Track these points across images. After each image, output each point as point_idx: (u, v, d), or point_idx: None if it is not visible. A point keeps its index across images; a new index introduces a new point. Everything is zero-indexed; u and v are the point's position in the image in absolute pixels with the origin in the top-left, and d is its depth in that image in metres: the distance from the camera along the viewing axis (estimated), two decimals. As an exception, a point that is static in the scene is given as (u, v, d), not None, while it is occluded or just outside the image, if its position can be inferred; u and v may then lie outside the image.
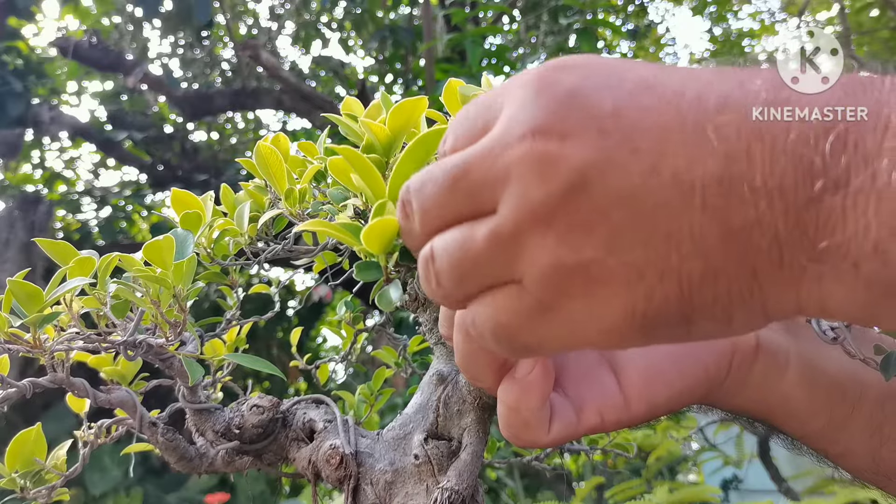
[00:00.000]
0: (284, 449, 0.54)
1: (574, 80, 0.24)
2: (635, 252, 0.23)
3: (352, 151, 0.35)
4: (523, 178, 0.23)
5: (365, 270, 0.35)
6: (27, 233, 3.63)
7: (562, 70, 0.25)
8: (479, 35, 3.06)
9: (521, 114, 0.24)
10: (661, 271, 0.22)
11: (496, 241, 0.24)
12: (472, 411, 0.49)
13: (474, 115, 0.27)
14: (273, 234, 0.53)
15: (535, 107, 0.24)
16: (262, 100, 4.35)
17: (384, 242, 0.33)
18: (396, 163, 0.34)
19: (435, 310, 0.54)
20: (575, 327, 0.24)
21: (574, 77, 0.24)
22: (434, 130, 0.34)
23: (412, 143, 0.34)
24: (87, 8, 4.59)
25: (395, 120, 0.39)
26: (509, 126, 0.24)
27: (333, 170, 0.36)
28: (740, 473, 3.07)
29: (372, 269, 0.35)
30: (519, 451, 0.86)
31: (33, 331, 0.41)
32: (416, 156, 0.34)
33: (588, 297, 0.23)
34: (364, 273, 0.35)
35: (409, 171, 0.34)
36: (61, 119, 4.27)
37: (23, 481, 0.49)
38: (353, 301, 0.70)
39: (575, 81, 0.24)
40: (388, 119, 0.39)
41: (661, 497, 1.65)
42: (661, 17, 6.40)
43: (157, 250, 0.40)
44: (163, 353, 0.47)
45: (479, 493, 0.48)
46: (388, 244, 0.33)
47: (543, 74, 0.25)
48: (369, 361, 3.17)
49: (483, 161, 0.25)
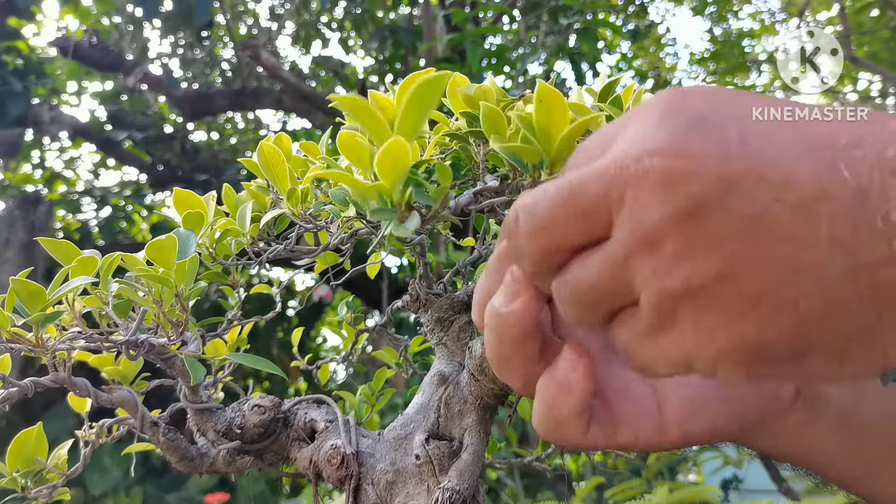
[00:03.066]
0: (285, 449, 0.54)
1: (700, 105, 0.24)
2: (751, 282, 0.22)
3: (355, 99, 0.34)
4: (639, 200, 0.23)
5: (379, 213, 0.34)
6: (27, 233, 3.63)
7: (687, 95, 0.24)
8: (479, 35, 3.06)
9: (642, 134, 0.24)
10: (778, 303, 0.22)
11: (611, 267, 0.24)
12: (474, 412, 0.49)
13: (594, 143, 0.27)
14: (275, 234, 0.53)
15: (657, 129, 0.23)
16: (262, 100, 4.35)
17: (398, 170, 0.33)
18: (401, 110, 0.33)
19: (436, 310, 0.54)
20: (683, 352, 0.24)
21: (700, 102, 0.24)
22: (437, 75, 0.33)
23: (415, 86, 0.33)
24: (87, 8, 4.59)
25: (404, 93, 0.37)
26: (630, 146, 0.24)
27: (342, 145, 0.35)
28: (740, 473, 3.07)
29: (387, 212, 0.34)
30: (520, 452, 0.86)
31: (35, 330, 0.41)
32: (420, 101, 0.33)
33: (697, 324, 0.23)
34: (378, 214, 0.34)
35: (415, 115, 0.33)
36: (61, 119, 4.27)
37: (24, 481, 0.49)
38: (354, 301, 0.70)
39: (700, 106, 0.24)
40: (397, 93, 0.37)
41: (661, 497, 1.65)
42: (661, 17, 6.39)
43: (160, 250, 0.41)
44: (164, 352, 0.47)
45: (479, 494, 0.48)
46: (401, 172, 0.33)
47: (668, 98, 0.24)
48: (370, 362, 3.17)
49: (599, 180, 0.24)
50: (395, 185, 0.33)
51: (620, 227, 0.23)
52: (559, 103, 0.36)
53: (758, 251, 0.22)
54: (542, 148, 0.37)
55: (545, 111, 0.36)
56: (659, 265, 0.23)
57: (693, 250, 0.22)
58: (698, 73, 6.27)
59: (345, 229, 0.48)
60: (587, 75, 3.15)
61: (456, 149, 0.50)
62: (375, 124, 0.34)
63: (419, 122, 0.34)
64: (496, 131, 0.40)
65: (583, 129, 0.37)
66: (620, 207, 0.23)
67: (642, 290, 0.24)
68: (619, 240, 0.23)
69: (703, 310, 0.23)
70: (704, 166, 0.22)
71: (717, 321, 0.23)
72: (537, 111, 0.36)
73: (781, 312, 0.22)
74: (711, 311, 0.23)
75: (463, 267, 0.58)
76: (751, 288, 0.22)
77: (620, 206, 0.23)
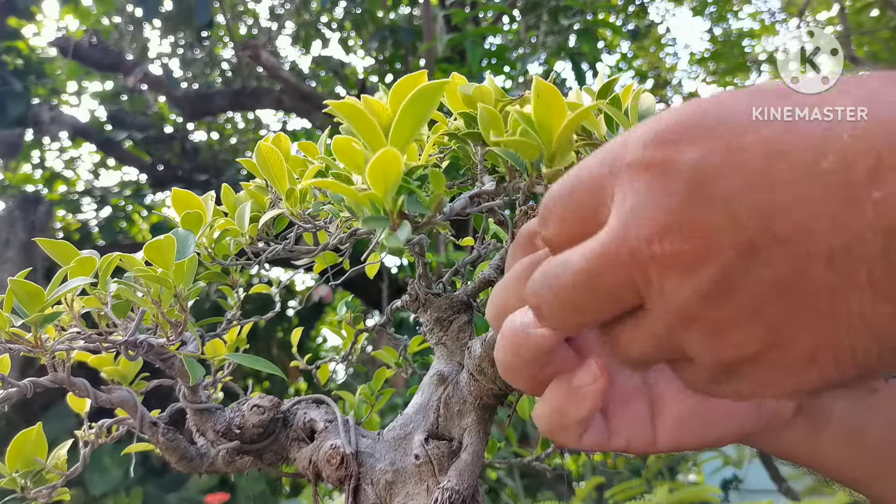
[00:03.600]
0: (285, 449, 0.54)
1: (691, 161, 0.22)
2: (801, 341, 0.21)
3: (350, 105, 0.34)
4: (665, 282, 0.22)
5: (371, 221, 0.34)
6: (27, 233, 3.63)
7: (674, 148, 0.22)
8: (479, 35, 3.06)
9: (641, 208, 0.22)
10: (835, 355, 0.21)
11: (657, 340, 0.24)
12: (473, 411, 0.49)
13: (579, 195, 0.25)
14: (274, 234, 0.53)
15: (655, 204, 0.22)
16: (262, 100, 4.35)
17: (390, 179, 0.32)
18: (395, 120, 0.33)
19: (436, 310, 0.54)
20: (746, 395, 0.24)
21: (690, 156, 0.22)
22: (432, 85, 0.33)
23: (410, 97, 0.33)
24: (87, 8, 4.59)
25: (397, 97, 0.37)
26: (631, 226, 0.22)
27: (336, 150, 0.35)
28: (740, 473, 3.07)
29: (378, 220, 0.34)
30: (519, 452, 0.86)
31: (34, 330, 0.41)
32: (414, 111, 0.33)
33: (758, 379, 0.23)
34: (370, 223, 0.34)
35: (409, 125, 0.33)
36: (61, 119, 4.27)
37: (23, 481, 0.49)
38: (354, 301, 0.70)
39: (693, 162, 0.22)
40: (390, 97, 0.37)
41: (661, 497, 1.65)
42: (661, 17, 6.39)
43: (159, 250, 0.41)
44: (164, 352, 0.47)
45: (479, 494, 0.48)
46: (393, 182, 0.33)
47: (655, 156, 0.22)
48: (369, 361, 3.17)
49: (614, 266, 0.23)
50: (386, 195, 0.33)
51: (655, 305, 0.23)
52: (557, 98, 0.36)
53: (800, 312, 0.21)
54: (542, 141, 0.37)
55: (543, 106, 0.36)
56: (705, 339, 0.23)
57: (734, 323, 0.22)
58: (698, 73, 6.27)
59: (343, 229, 0.48)
60: (587, 75, 3.15)
61: (454, 148, 0.50)
62: (370, 132, 0.34)
63: (413, 131, 0.34)
64: (495, 132, 0.40)
65: (579, 121, 0.37)
66: (648, 287, 0.23)
67: (695, 357, 0.24)
68: (659, 317, 0.23)
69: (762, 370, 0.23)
70: (716, 242, 0.21)
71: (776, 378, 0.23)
72: (535, 106, 0.36)
73: (841, 362, 0.21)
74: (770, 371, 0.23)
75: (462, 266, 0.58)
76: (803, 347, 0.21)
77: (648, 286, 0.23)
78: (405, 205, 0.34)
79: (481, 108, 0.40)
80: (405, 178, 0.34)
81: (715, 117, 0.22)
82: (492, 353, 0.46)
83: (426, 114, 0.34)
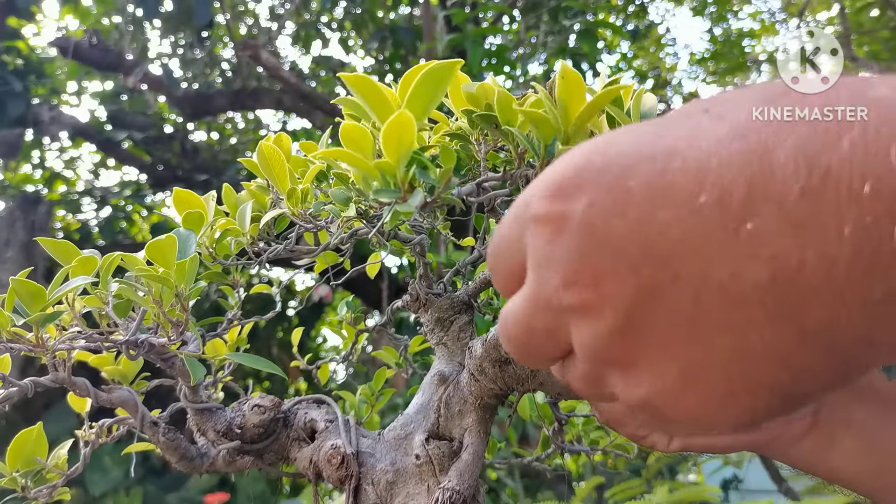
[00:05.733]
0: (285, 449, 0.54)
1: (580, 212, 0.22)
2: (714, 379, 0.22)
3: (364, 78, 0.35)
4: (575, 326, 0.23)
5: (382, 192, 0.35)
6: (27, 233, 3.63)
7: (567, 200, 0.22)
8: (480, 35, 3.06)
9: (546, 264, 0.23)
10: (752, 388, 0.21)
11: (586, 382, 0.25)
12: (474, 412, 0.49)
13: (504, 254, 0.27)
14: (275, 234, 0.53)
15: (555, 256, 0.23)
16: (262, 100, 4.35)
17: (403, 145, 0.33)
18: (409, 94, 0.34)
19: (436, 310, 0.54)
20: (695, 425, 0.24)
21: (579, 206, 0.22)
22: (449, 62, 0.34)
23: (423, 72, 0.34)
24: (87, 8, 4.59)
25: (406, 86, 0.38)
26: (542, 280, 0.24)
27: (344, 136, 0.35)
28: (740, 473, 3.07)
29: (389, 192, 0.35)
30: (520, 452, 0.86)
31: (36, 330, 0.41)
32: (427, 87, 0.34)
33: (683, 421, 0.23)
34: (381, 194, 0.35)
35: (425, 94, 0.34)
36: (61, 119, 4.27)
37: (24, 480, 0.49)
38: (354, 301, 0.70)
39: (581, 213, 0.22)
40: (399, 87, 0.38)
41: (661, 497, 1.65)
42: (661, 17, 6.38)
43: (160, 250, 0.41)
44: (165, 352, 0.47)
45: (479, 494, 0.48)
46: (406, 149, 0.33)
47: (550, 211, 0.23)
48: (370, 362, 3.17)
49: (540, 314, 0.25)
50: (399, 163, 0.34)
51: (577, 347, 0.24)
52: (578, 83, 0.38)
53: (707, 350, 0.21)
54: (561, 120, 0.38)
55: (566, 88, 0.38)
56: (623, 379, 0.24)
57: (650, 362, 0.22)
58: (698, 74, 6.27)
59: (344, 229, 0.48)
60: (587, 75, 3.15)
61: (456, 148, 0.50)
62: (383, 104, 0.35)
63: (426, 106, 0.35)
64: (508, 118, 0.41)
65: (601, 104, 0.38)
66: (568, 332, 0.24)
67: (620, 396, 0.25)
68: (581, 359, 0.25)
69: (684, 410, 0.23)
70: (615, 288, 0.22)
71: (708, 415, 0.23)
72: (560, 87, 0.38)
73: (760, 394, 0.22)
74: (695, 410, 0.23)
75: (463, 267, 0.58)
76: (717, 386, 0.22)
77: (568, 331, 0.24)
78: (416, 176, 0.35)
79: (497, 91, 0.41)
80: (416, 152, 0.35)
81: (600, 164, 0.22)
82: (492, 354, 0.46)
83: (438, 92, 0.35)
